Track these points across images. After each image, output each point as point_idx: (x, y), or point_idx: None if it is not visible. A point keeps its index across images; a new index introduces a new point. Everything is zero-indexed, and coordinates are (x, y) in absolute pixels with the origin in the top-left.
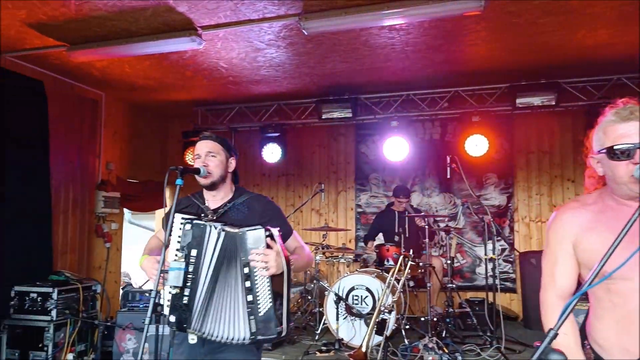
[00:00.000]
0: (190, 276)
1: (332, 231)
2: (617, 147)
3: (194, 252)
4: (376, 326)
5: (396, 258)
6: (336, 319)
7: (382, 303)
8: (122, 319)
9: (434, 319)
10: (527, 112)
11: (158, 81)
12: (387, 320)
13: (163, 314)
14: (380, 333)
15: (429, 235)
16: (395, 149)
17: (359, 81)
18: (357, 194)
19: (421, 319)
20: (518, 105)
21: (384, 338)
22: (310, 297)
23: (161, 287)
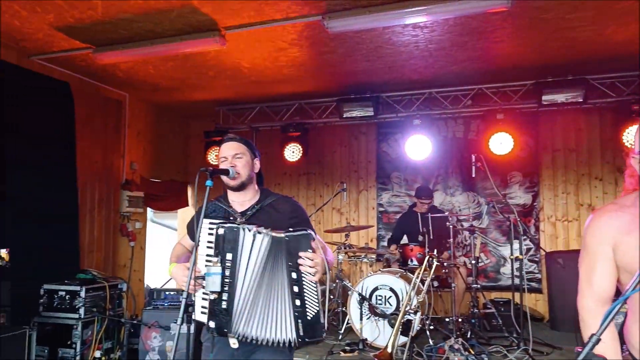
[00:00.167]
0: (227, 280)
1: (355, 230)
2: None
3: (229, 256)
4: (401, 327)
5: (420, 258)
6: (360, 319)
7: (408, 304)
8: (148, 317)
9: (459, 320)
10: (553, 109)
11: (181, 81)
12: (413, 321)
13: (194, 318)
14: (405, 334)
15: (453, 234)
16: (417, 148)
17: (381, 79)
18: (379, 193)
19: (446, 320)
20: (544, 102)
21: (410, 339)
22: (332, 297)
23: (192, 291)
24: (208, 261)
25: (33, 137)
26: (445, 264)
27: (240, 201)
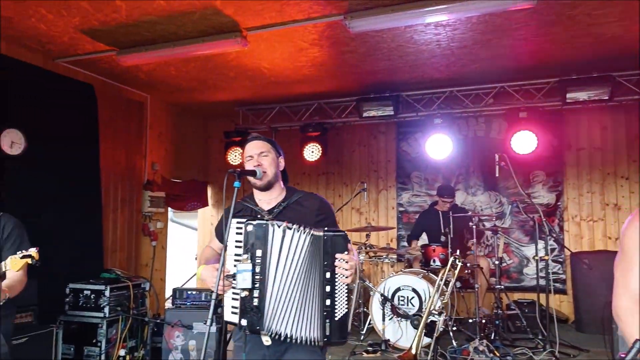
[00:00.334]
0: (258, 277)
1: (376, 231)
2: None
3: (259, 253)
4: (425, 328)
5: (443, 259)
6: (382, 320)
7: (432, 305)
8: (171, 317)
9: (482, 321)
10: (578, 107)
11: (201, 82)
12: (437, 322)
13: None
14: (429, 335)
15: (476, 234)
16: (438, 147)
17: (401, 78)
18: (399, 193)
19: (469, 321)
20: (568, 100)
21: (434, 340)
22: (353, 297)
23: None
24: (237, 260)
25: (58, 139)
26: (468, 265)
27: (267, 200)
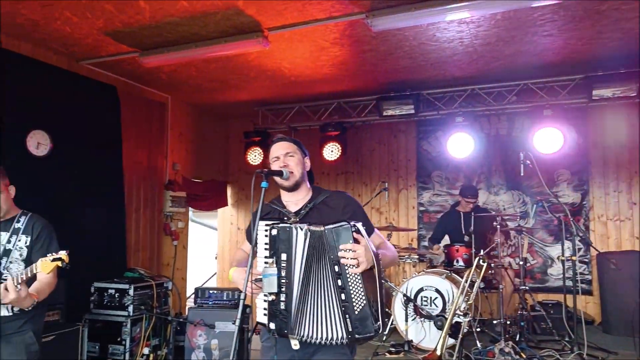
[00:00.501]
0: (284, 281)
1: (397, 231)
2: None
3: (284, 256)
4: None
5: (466, 259)
6: (405, 320)
7: (457, 306)
8: (193, 316)
9: (507, 322)
10: (603, 104)
11: (222, 83)
12: (461, 323)
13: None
14: (453, 336)
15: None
16: (459, 145)
17: (422, 77)
18: (419, 192)
19: (493, 322)
20: (594, 97)
21: (459, 341)
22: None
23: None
24: (266, 263)
25: (82, 140)
26: (492, 265)
27: (294, 201)
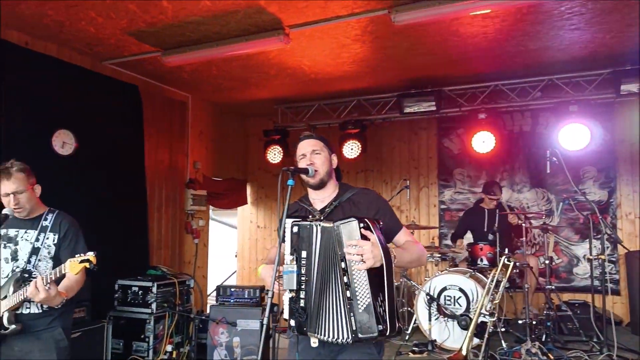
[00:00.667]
0: (303, 278)
1: (419, 229)
2: None
3: (304, 254)
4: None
5: (491, 257)
6: (428, 320)
7: (483, 305)
8: (215, 313)
9: (533, 322)
10: (632, 99)
11: (242, 81)
12: (487, 323)
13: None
14: (478, 336)
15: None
16: (482, 143)
17: (444, 73)
18: (440, 190)
19: (518, 322)
20: (622, 92)
21: (485, 342)
22: (397, 296)
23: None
24: (290, 260)
25: (106, 139)
26: (517, 264)
27: (320, 198)
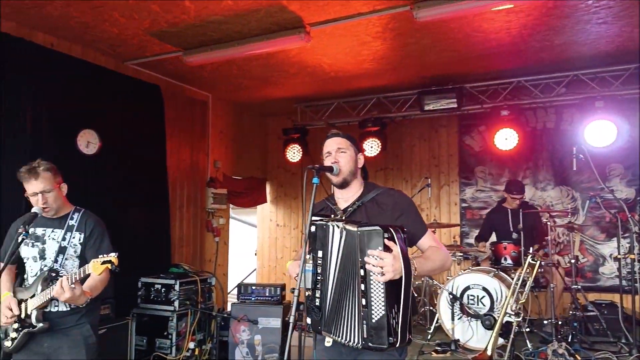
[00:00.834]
0: (319, 277)
1: (441, 228)
2: None
3: (320, 254)
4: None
5: (515, 257)
6: (451, 319)
7: (509, 305)
8: (236, 311)
9: (559, 322)
10: None
11: (262, 80)
12: (512, 323)
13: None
14: (503, 336)
15: (547, 232)
16: (504, 140)
17: (465, 69)
18: (462, 188)
19: (543, 322)
20: None
21: (510, 342)
22: (419, 296)
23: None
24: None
25: (129, 138)
26: (542, 263)
27: (344, 198)
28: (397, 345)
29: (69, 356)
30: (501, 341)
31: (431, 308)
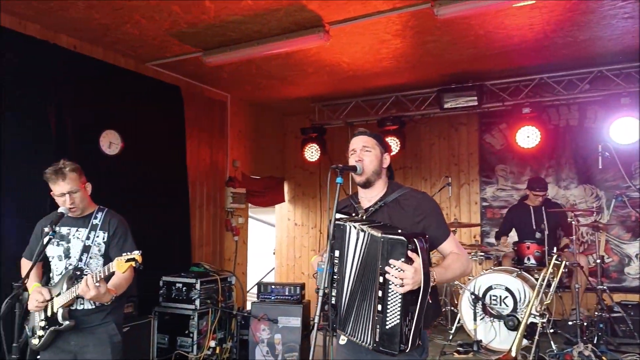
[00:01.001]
0: (335, 277)
1: (462, 227)
2: None
3: (337, 253)
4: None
5: (538, 256)
6: (473, 320)
7: (533, 305)
8: (256, 310)
9: (584, 324)
10: None
11: (280, 79)
12: (537, 324)
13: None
14: (528, 337)
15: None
16: (526, 138)
17: (486, 67)
18: (482, 187)
19: (568, 323)
20: None
21: (535, 344)
22: (440, 296)
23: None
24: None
25: (149, 139)
26: (567, 263)
27: (367, 197)
28: (407, 350)
29: (95, 354)
30: (526, 342)
31: (452, 308)
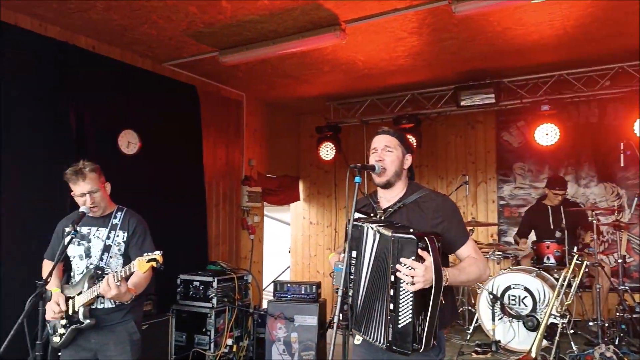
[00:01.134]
0: (352, 277)
1: (479, 226)
2: None
3: (354, 254)
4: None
5: (558, 256)
6: (492, 320)
7: (554, 305)
8: (272, 309)
9: (605, 324)
10: None
11: (296, 78)
12: (557, 324)
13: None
14: (548, 338)
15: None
16: (545, 135)
17: (504, 64)
18: (499, 185)
19: (588, 324)
20: None
21: (555, 345)
22: (458, 295)
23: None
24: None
25: (167, 138)
26: (588, 263)
27: (387, 197)
28: (421, 350)
29: (115, 352)
30: (545, 343)
31: (469, 308)
